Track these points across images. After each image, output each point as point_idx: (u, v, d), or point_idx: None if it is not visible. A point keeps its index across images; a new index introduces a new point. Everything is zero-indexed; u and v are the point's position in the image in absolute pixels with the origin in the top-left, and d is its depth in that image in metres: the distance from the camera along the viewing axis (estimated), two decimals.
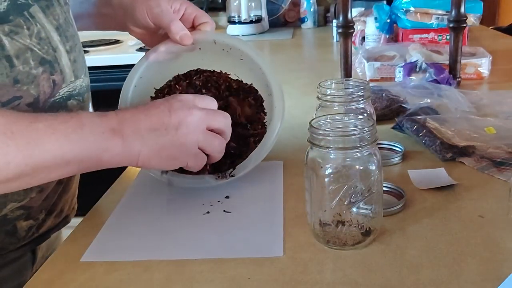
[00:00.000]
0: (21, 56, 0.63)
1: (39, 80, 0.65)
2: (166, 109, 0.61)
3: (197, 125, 0.62)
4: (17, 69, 0.62)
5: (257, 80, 0.78)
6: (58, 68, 0.68)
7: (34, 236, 0.72)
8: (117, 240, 0.61)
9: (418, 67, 1.18)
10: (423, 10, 1.50)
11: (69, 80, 0.70)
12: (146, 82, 0.77)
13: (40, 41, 0.65)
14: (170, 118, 0.61)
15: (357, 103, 0.68)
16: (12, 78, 0.62)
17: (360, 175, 0.53)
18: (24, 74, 0.63)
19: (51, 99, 0.67)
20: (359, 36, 1.68)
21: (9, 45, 0.61)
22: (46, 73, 0.66)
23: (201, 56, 0.79)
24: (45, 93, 0.66)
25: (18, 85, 0.62)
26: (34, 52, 0.64)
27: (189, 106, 0.62)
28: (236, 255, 0.56)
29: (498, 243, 0.54)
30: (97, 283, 0.53)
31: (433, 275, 0.50)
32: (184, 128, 0.61)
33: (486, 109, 0.96)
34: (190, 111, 0.62)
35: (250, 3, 2.42)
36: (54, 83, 0.67)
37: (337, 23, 1.09)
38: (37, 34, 0.65)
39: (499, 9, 4.00)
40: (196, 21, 0.77)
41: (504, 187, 0.66)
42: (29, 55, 0.64)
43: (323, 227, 0.55)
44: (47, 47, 0.66)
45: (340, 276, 0.51)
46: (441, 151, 0.77)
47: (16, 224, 0.69)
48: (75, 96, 0.71)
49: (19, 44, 0.63)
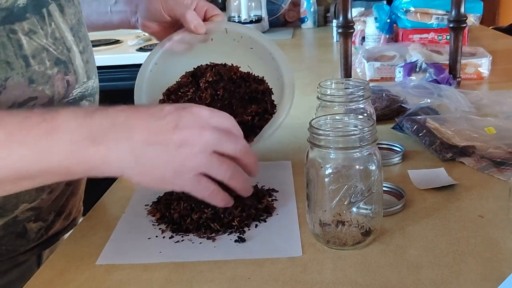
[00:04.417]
0: (37, 56, 0.63)
1: (53, 80, 0.64)
2: (173, 123, 0.52)
3: (204, 148, 0.53)
4: (32, 68, 0.62)
5: (267, 67, 0.79)
6: (72, 68, 0.68)
7: (43, 238, 0.73)
8: (131, 241, 0.60)
9: (418, 67, 1.18)
10: (423, 10, 1.50)
11: (81, 80, 0.70)
12: (160, 71, 0.78)
13: (55, 41, 0.66)
14: (173, 134, 0.52)
15: (357, 103, 0.68)
16: (28, 78, 0.61)
17: (360, 175, 0.53)
18: (40, 74, 0.63)
19: (65, 99, 0.67)
20: (359, 36, 1.68)
21: (27, 45, 0.61)
22: (60, 73, 0.65)
23: (212, 47, 0.80)
24: (60, 93, 0.65)
25: (33, 85, 0.62)
26: (50, 52, 0.64)
27: (201, 124, 0.53)
28: (254, 256, 0.55)
29: (498, 243, 0.54)
30: (97, 283, 0.53)
31: (433, 275, 0.50)
32: (187, 148, 0.52)
33: (486, 109, 0.96)
34: (200, 131, 0.53)
35: (250, 3, 2.42)
36: (68, 83, 0.67)
37: (337, 23, 1.09)
38: (52, 34, 0.65)
39: (499, 9, 4.00)
40: (208, 13, 0.79)
41: (504, 187, 0.66)
42: (45, 55, 0.64)
43: (323, 227, 0.55)
44: (62, 47, 0.67)
45: (340, 276, 0.51)
46: (441, 151, 0.77)
47: (26, 225, 0.69)
48: (87, 96, 0.71)
49: (36, 44, 0.62)
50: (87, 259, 0.57)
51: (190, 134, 0.52)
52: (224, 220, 0.60)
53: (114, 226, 0.63)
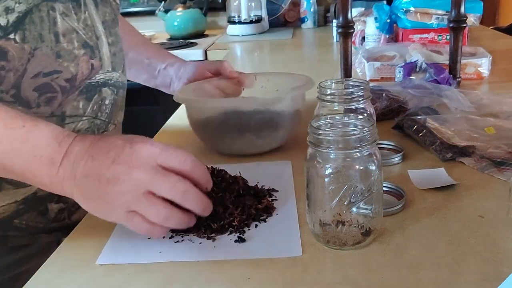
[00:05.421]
0: (67, 35, 0.71)
1: (79, 60, 0.72)
2: (112, 157, 0.53)
3: (133, 188, 0.52)
4: (61, 45, 0.70)
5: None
6: (98, 55, 0.76)
7: (64, 222, 0.76)
8: (131, 241, 0.60)
9: (418, 67, 1.18)
10: (423, 10, 1.50)
11: (106, 68, 0.77)
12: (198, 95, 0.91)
13: (86, 27, 0.74)
14: (108, 169, 0.53)
15: (357, 103, 0.68)
16: (56, 52, 0.69)
17: (360, 175, 0.53)
18: (67, 52, 0.70)
19: (88, 80, 0.74)
20: (359, 36, 1.68)
21: (60, 24, 0.70)
22: (86, 55, 0.73)
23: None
24: (83, 73, 0.73)
25: (59, 60, 0.70)
26: (79, 35, 0.72)
27: (138, 162, 0.53)
28: (254, 256, 0.55)
29: (498, 243, 0.54)
30: (97, 283, 0.53)
31: (433, 275, 0.50)
32: (116, 185, 0.52)
33: (486, 109, 0.96)
34: (131, 169, 0.52)
35: (250, 3, 2.42)
36: (92, 66, 0.74)
37: (337, 23, 1.09)
38: (84, 20, 0.74)
39: (499, 9, 4.00)
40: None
41: (504, 187, 0.66)
42: (74, 36, 0.72)
43: (323, 227, 0.55)
44: (91, 33, 0.75)
45: (340, 276, 0.51)
46: (441, 151, 0.77)
47: (48, 205, 0.74)
48: (110, 85, 0.78)
49: (67, 25, 0.71)
50: (87, 259, 0.57)
51: (121, 172, 0.52)
52: (224, 220, 0.60)
53: (114, 226, 0.63)
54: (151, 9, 2.62)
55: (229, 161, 0.81)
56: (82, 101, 0.74)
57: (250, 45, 2.22)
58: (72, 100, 0.72)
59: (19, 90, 0.67)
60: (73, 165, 0.55)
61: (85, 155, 0.55)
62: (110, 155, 0.53)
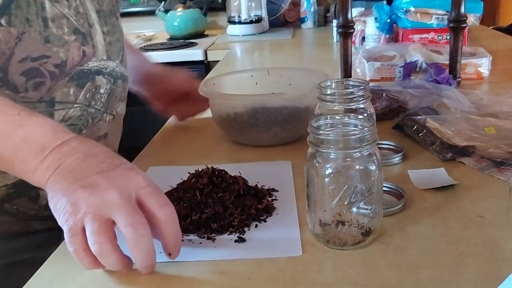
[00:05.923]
0: (57, 20, 0.70)
1: (69, 46, 0.72)
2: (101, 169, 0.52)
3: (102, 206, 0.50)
4: (50, 30, 0.70)
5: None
6: (91, 42, 0.75)
7: None
8: None
9: (418, 67, 1.18)
10: (423, 10, 1.50)
11: (100, 56, 0.77)
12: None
13: (78, 14, 0.74)
14: (91, 176, 0.51)
15: (357, 103, 0.68)
16: (44, 37, 0.69)
17: (360, 175, 0.53)
18: (56, 37, 0.70)
19: (79, 67, 0.74)
20: (359, 36, 1.68)
21: (49, 9, 0.69)
22: (77, 42, 0.73)
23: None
24: (74, 60, 0.73)
25: (48, 45, 0.69)
26: (70, 21, 0.72)
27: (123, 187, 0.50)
28: (254, 256, 0.55)
29: (498, 243, 0.54)
30: (97, 283, 0.53)
31: (433, 275, 0.50)
32: (88, 194, 0.50)
33: (486, 109, 0.96)
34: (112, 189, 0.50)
35: (250, 3, 2.42)
36: (84, 53, 0.74)
37: (337, 23, 1.09)
38: (75, 8, 0.73)
39: (499, 9, 4.00)
40: None
41: (504, 187, 0.66)
42: (64, 22, 0.71)
43: (323, 227, 0.55)
44: (83, 20, 0.74)
45: (340, 276, 0.51)
46: (441, 151, 0.77)
47: (39, 191, 0.74)
48: (105, 74, 0.78)
49: (57, 11, 0.71)
50: None
51: (100, 185, 0.51)
52: (224, 220, 0.60)
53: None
54: (151, 9, 2.62)
55: (229, 161, 0.81)
56: (73, 87, 0.73)
57: (250, 45, 2.22)
58: (62, 86, 0.72)
59: (6, 74, 0.67)
60: (62, 156, 0.53)
61: (78, 153, 0.54)
62: (101, 166, 0.52)
